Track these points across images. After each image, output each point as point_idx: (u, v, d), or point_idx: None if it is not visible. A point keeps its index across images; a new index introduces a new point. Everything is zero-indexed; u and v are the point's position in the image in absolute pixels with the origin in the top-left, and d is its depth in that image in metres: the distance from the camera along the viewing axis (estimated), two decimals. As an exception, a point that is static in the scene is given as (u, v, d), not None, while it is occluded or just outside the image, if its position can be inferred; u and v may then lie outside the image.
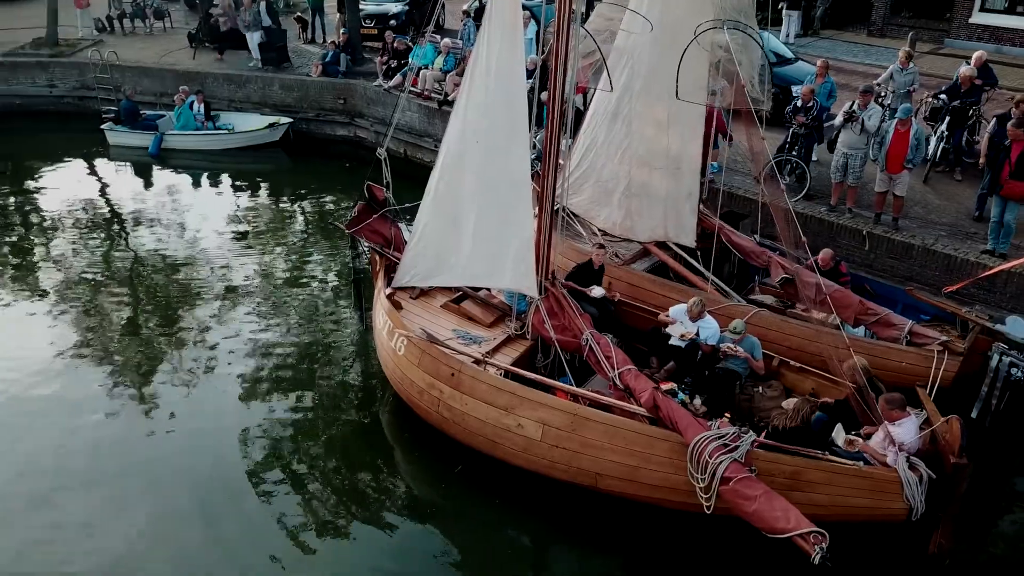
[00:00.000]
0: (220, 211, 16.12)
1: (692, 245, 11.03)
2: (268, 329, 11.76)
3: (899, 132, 11.24)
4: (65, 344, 11.30)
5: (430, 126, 16.80)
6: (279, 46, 20.16)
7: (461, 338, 9.41)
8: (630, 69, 10.23)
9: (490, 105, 8.16)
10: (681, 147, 10.48)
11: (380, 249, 10.48)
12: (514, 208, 8.51)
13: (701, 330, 9.38)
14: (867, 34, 22.73)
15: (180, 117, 18.22)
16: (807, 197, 12.66)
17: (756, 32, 9.22)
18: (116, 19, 23.98)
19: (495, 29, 7.92)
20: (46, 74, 20.78)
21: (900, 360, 9.11)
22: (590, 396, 8.38)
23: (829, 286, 9.75)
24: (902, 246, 11.39)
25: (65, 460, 9.15)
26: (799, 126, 12.69)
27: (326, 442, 9.62)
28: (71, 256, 14.09)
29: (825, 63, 14.11)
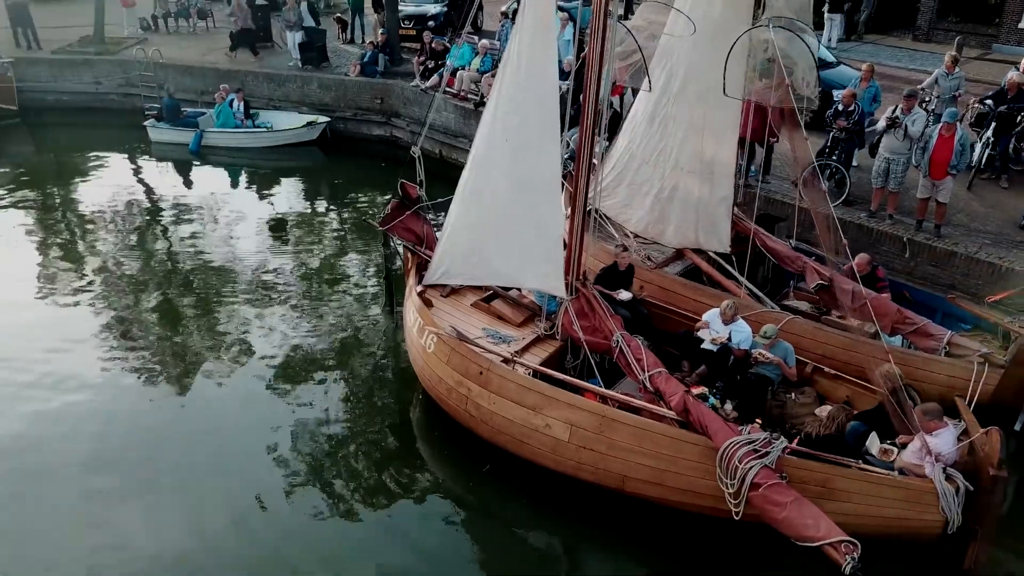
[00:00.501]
0: (257, 208, 16.31)
1: (726, 251, 10.88)
2: (301, 324, 11.84)
3: (943, 137, 10.99)
4: (104, 335, 11.48)
5: (466, 126, 16.81)
6: (319, 46, 20.33)
7: (491, 337, 9.38)
8: (668, 71, 10.13)
9: (521, 103, 8.13)
10: (715, 151, 10.38)
11: (412, 247, 10.50)
12: (543, 208, 8.47)
13: (733, 334, 9.25)
14: (912, 39, 22.33)
15: (220, 115, 18.46)
16: (846, 203, 12.44)
17: (811, 31, 9.06)
18: (161, 18, 24.41)
19: (527, 27, 7.90)
20: (92, 71, 21.18)
21: (938, 372, 8.89)
22: (619, 398, 8.29)
23: (867, 293, 9.56)
24: (944, 254, 11.13)
25: (101, 448, 9.28)
26: (839, 130, 12.47)
27: (355, 437, 9.65)
28: (111, 249, 14.33)
29: (871, 67, 13.85)
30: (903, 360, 8.89)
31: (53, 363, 10.74)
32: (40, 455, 9.15)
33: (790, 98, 8.58)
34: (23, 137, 20.06)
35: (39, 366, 10.68)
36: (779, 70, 8.67)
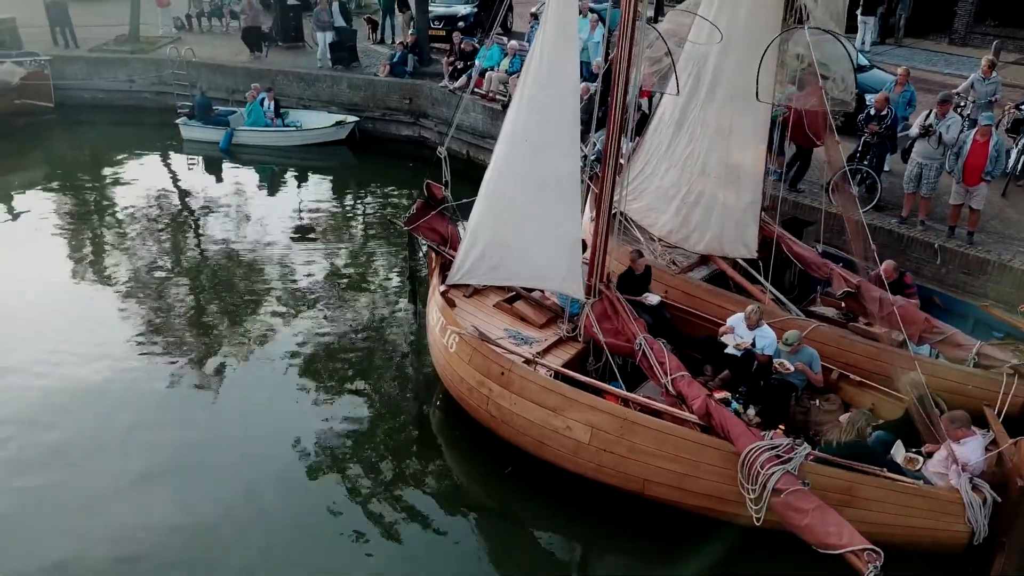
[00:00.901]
0: (285, 206, 16.45)
1: (752, 256, 10.80)
2: (327, 321, 11.94)
3: (978, 143, 10.79)
4: (132, 329, 11.66)
5: (493, 127, 16.80)
6: (349, 46, 20.45)
7: (512, 338, 9.38)
8: (695, 77, 10.08)
9: (542, 102, 8.13)
10: (742, 157, 10.29)
11: (436, 247, 10.53)
12: (561, 209, 8.47)
13: (757, 340, 9.16)
14: (948, 43, 21.98)
15: (251, 114, 18.63)
16: (877, 208, 12.27)
17: (843, 36, 8.99)
18: (195, 17, 24.71)
19: (550, 26, 7.89)
20: (127, 70, 21.50)
21: (966, 382, 8.72)
22: (641, 401, 8.25)
23: (894, 301, 9.42)
24: (976, 261, 10.95)
25: (127, 439, 9.42)
26: (871, 135, 12.30)
27: (376, 434, 9.70)
28: (141, 244, 14.54)
29: (906, 71, 13.66)
30: (930, 370, 8.73)
31: (82, 354, 10.91)
32: (65, 447, 9.30)
33: (824, 102, 8.47)
34: (59, 133, 20.36)
35: (68, 357, 10.84)
36: (814, 75, 8.56)
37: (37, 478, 8.82)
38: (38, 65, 20.41)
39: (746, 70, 9.44)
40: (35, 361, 10.76)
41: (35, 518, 8.28)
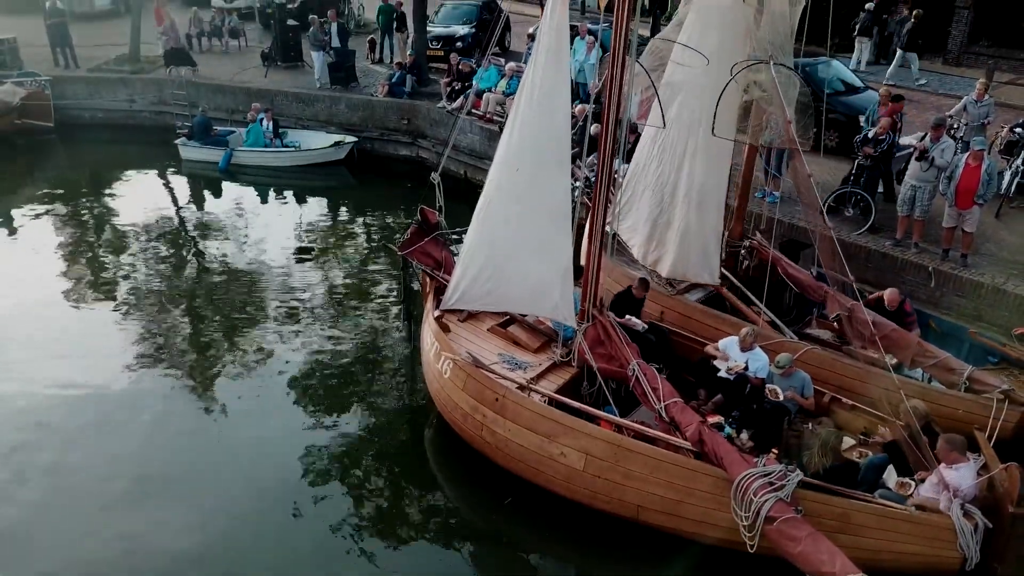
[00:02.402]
0: (283, 226, 16.48)
1: (715, 283, 10.80)
2: (322, 343, 11.95)
3: (970, 166, 10.85)
4: (130, 347, 11.73)
5: (490, 148, 16.83)
6: (348, 66, 20.59)
7: (507, 363, 9.39)
8: (666, 99, 10.14)
9: (533, 131, 8.20)
10: (705, 179, 10.24)
11: (430, 271, 10.56)
12: (553, 236, 8.52)
13: (750, 362, 9.19)
14: (943, 63, 22.09)
15: (251, 134, 18.73)
16: (872, 230, 12.31)
17: (792, 68, 9.02)
18: (195, 37, 24.85)
19: (541, 56, 7.97)
20: (127, 89, 21.63)
21: (957, 407, 8.75)
22: (634, 427, 8.26)
23: (885, 325, 9.45)
24: (970, 284, 10.98)
25: (122, 457, 9.49)
26: (865, 158, 12.37)
27: (371, 457, 9.70)
28: (140, 264, 14.61)
29: (888, 91, 13.78)
30: (921, 394, 8.79)
31: (81, 373, 11.03)
32: (65, 462, 9.40)
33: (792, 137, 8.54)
34: (58, 153, 20.52)
35: (68, 375, 10.97)
36: (781, 109, 8.63)
37: (35, 493, 8.92)
38: (38, 85, 20.58)
39: (710, 95, 9.54)
40: (34, 378, 10.86)
41: (34, 532, 8.37)
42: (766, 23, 8.97)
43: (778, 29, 8.99)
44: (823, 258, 9.41)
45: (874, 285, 11.19)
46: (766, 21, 8.99)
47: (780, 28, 8.98)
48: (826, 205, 12.56)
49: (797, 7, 9.17)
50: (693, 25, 9.73)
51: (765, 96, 8.70)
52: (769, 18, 8.99)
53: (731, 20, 9.38)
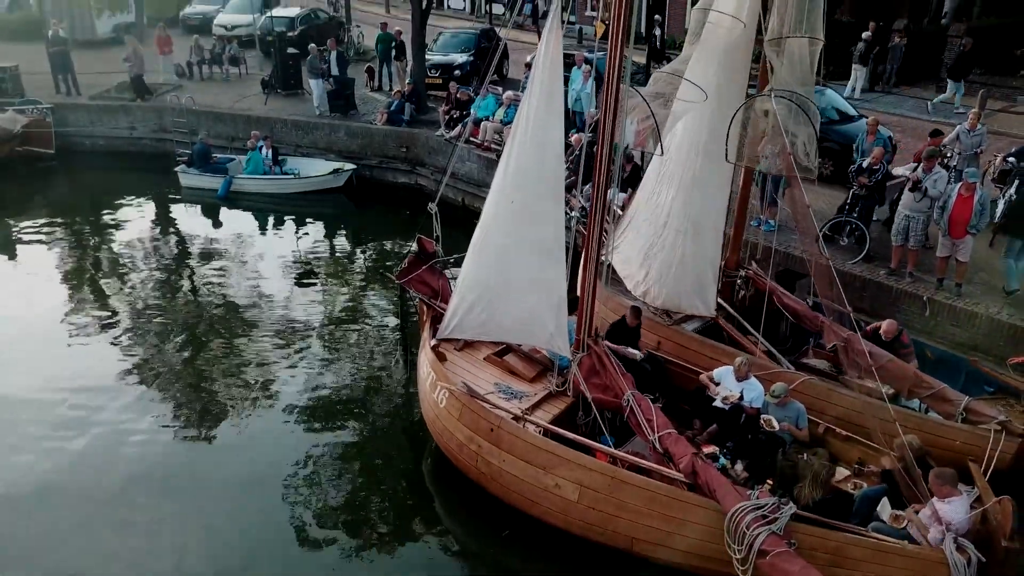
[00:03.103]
0: (282, 253, 16.55)
1: (711, 315, 10.81)
2: (320, 370, 12.04)
3: (962, 197, 10.92)
4: (129, 372, 11.88)
5: (488, 176, 16.87)
6: (347, 94, 20.74)
7: (502, 392, 9.42)
8: (669, 131, 10.21)
9: (527, 166, 8.33)
10: (702, 211, 10.27)
11: (427, 300, 10.61)
12: (547, 268, 8.61)
13: (745, 392, 9.20)
14: (936, 90, 22.27)
15: (250, 162, 18.84)
16: (867, 259, 12.35)
17: (813, 102, 9.11)
18: (195, 65, 25.04)
19: (535, 94, 8.09)
20: (128, 117, 21.76)
21: (954, 438, 8.73)
22: (628, 459, 8.27)
23: (881, 356, 9.47)
24: (965, 314, 11.00)
25: (120, 483, 9.62)
26: (860, 187, 12.44)
27: (369, 489, 9.73)
28: (139, 290, 14.71)
29: (875, 120, 13.90)
30: (918, 425, 8.78)
31: (79, 399, 11.18)
32: (63, 488, 9.51)
33: (793, 168, 8.60)
34: (59, 179, 20.61)
35: (66, 402, 11.12)
36: (781, 139, 8.71)
37: (34, 517, 9.05)
38: (40, 113, 20.71)
39: (710, 126, 9.61)
40: (34, 401, 11.07)
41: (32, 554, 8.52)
42: (787, 64, 9.06)
43: (799, 69, 9.08)
44: (820, 287, 9.43)
45: (869, 314, 11.22)
46: (787, 62, 9.08)
47: (801, 68, 9.07)
48: (821, 234, 12.63)
49: (816, 47, 9.26)
50: (697, 60, 9.82)
51: (774, 126, 8.76)
52: (788, 59, 9.08)
53: (733, 57, 9.49)
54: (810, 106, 8.89)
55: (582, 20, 30.17)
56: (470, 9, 38.12)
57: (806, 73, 8.99)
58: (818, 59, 9.19)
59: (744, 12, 9.22)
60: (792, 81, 8.84)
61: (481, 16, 36.05)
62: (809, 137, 8.74)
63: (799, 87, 8.85)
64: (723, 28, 9.35)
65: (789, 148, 8.53)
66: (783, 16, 8.94)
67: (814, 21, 8.86)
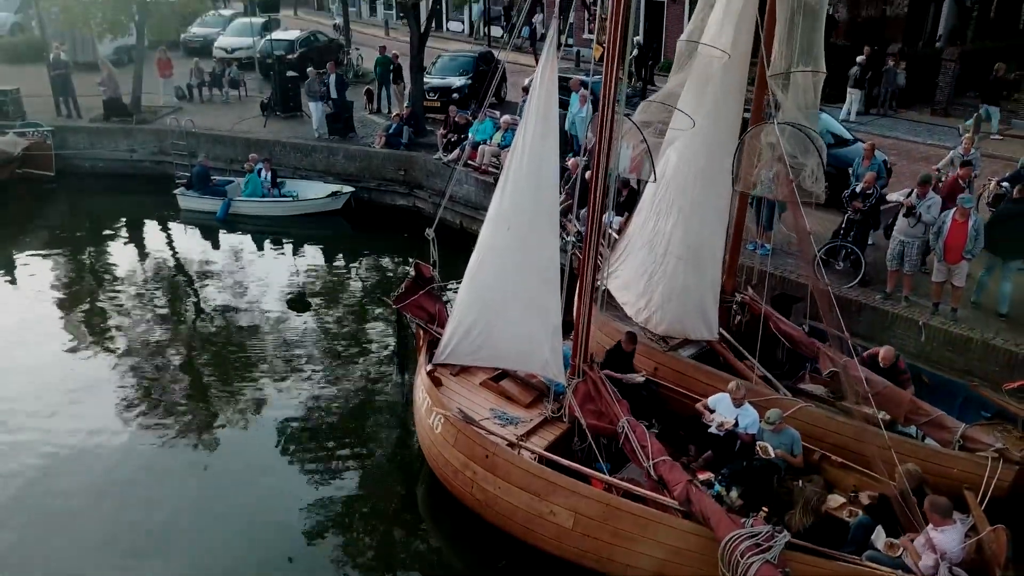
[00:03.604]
0: (280, 276, 16.60)
1: (714, 339, 10.83)
2: (317, 393, 12.08)
3: (957, 223, 10.95)
4: (128, 397, 11.97)
5: (485, 199, 16.94)
6: (345, 117, 20.85)
7: (498, 418, 9.41)
8: (664, 158, 10.29)
9: (523, 193, 8.39)
10: (701, 237, 10.32)
11: (424, 325, 10.63)
12: (543, 294, 8.64)
13: (740, 418, 9.20)
14: (931, 113, 22.43)
15: (249, 184, 18.91)
16: (863, 283, 12.37)
17: (815, 131, 9.19)
18: (195, 87, 25.20)
19: (531, 122, 8.16)
20: (128, 140, 21.86)
21: (951, 466, 8.71)
22: (623, 486, 8.25)
23: (878, 383, 9.47)
24: (960, 339, 11.00)
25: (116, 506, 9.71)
26: (854, 211, 12.50)
27: (364, 514, 9.74)
28: (137, 311, 14.80)
29: (872, 145, 13.97)
30: (914, 452, 8.77)
31: (77, 419, 11.31)
32: (57, 510, 9.60)
33: (795, 194, 8.65)
34: (59, 201, 20.73)
35: (63, 422, 11.26)
36: (781, 166, 8.78)
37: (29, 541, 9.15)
38: (41, 135, 20.83)
39: (707, 153, 9.67)
40: (31, 425, 11.18)
41: None
42: (792, 95, 9.15)
43: (803, 99, 9.17)
44: (822, 311, 9.46)
45: (865, 339, 11.23)
46: (792, 93, 9.17)
47: (806, 98, 9.16)
48: (818, 258, 12.68)
49: (820, 78, 9.35)
50: (689, 86, 9.91)
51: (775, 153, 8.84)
52: (794, 90, 9.18)
53: (727, 84, 9.56)
54: (815, 135, 8.98)
55: (580, 43, 30.36)
56: (468, 31, 38.37)
57: (810, 101, 9.08)
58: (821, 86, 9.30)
59: (729, 43, 9.31)
60: (797, 112, 8.92)
61: (480, 38, 36.29)
62: (817, 165, 8.81)
63: (802, 115, 8.93)
64: (714, 57, 9.44)
65: (792, 175, 8.59)
66: (784, 50, 9.05)
67: (816, 55, 8.97)
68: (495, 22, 35.78)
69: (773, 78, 9.26)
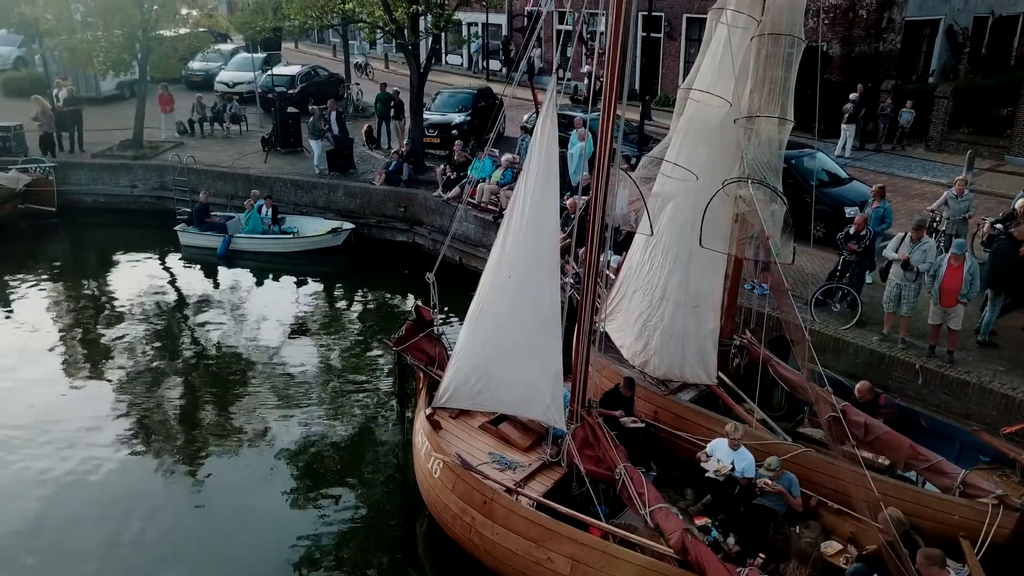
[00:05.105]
0: (280, 312, 16.65)
1: (713, 383, 10.86)
2: (316, 432, 12.15)
3: (952, 267, 11.04)
4: (127, 430, 12.15)
5: (485, 236, 17.20)
6: (346, 154, 21.02)
7: (496, 462, 9.43)
8: (657, 206, 10.37)
9: (524, 244, 8.48)
10: (700, 284, 10.37)
11: (424, 367, 10.68)
12: (543, 341, 8.69)
13: (736, 462, 9.20)
14: (925, 148, 22.65)
15: (249, 221, 19.02)
16: (859, 324, 12.42)
17: (779, 190, 9.30)
18: (197, 123, 25.42)
19: (532, 172, 8.29)
20: (129, 175, 21.99)
21: (951, 513, 8.68)
22: (620, 534, 8.24)
23: (877, 427, 9.50)
24: (957, 382, 11.04)
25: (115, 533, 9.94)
26: (850, 253, 12.59)
27: (362, 557, 9.77)
28: (137, 346, 14.91)
29: (881, 188, 14.00)
30: (914, 499, 8.77)
31: (75, 451, 11.52)
32: (55, 537, 9.83)
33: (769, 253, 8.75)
34: (60, 236, 20.85)
35: (63, 451, 11.45)
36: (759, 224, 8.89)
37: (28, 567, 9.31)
38: (43, 172, 20.98)
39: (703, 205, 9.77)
40: (31, 455, 11.33)
41: None
42: (755, 145, 9.26)
43: (767, 151, 9.26)
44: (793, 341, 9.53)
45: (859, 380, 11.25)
46: (755, 144, 9.28)
47: (770, 150, 9.25)
48: (813, 299, 12.76)
49: (785, 128, 9.46)
50: (684, 140, 10.02)
51: (750, 211, 8.95)
52: (758, 140, 9.28)
53: (721, 136, 9.68)
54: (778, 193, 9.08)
55: (576, 76, 30.68)
56: (467, 64, 38.79)
57: (774, 157, 9.17)
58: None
59: (731, 92, 9.45)
60: (761, 164, 9.02)
61: (478, 71, 36.69)
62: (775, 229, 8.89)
63: (770, 173, 9.04)
64: (712, 107, 9.57)
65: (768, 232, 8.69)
66: (755, 95, 9.16)
67: (785, 102, 9.06)
68: (493, 55, 36.17)
69: (740, 121, 9.38)
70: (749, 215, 9.13)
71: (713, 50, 9.85)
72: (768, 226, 8.95)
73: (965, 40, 26.08)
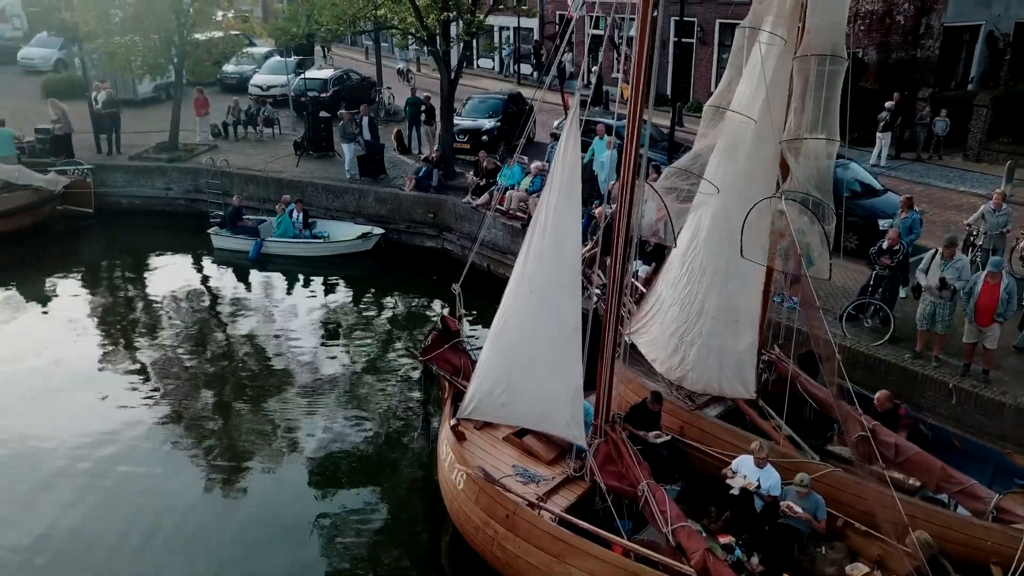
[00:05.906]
0: (310, 316, 16.84)
1: (751, 397, 10.74)
2: (343, 436, 12.35)
3: (988, 285, 10.79)
4: (157, 423, 12.57)
5: (513, 243, 17.17)
6: (377, 159, 21.13)
7: (520, 475, 9.43)
8: (697, 218, 10.29)
9: (546, 261, 8.48)
10: (739, 299, 10.25)
11: (449, 377, 10.70)
12: (565, 357, 8.69)
13: (763, 480, 9.08)
14: (963, 158, 22.24)
15: (280, 225, 19.20)
16: (892, 341, 12.20)
17: (830, 206, 9.16)
18: (231, 125, 25.72)
19: (555, 189, 8.30)
20: (164, 178, 22.34)
21: (984, 538, 8.49)
22: (641, 551, 8.18)
23: (908, 448, 9.33)
24: (992, 403, 10.78)
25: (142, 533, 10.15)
26: (883, 268, 12.38)
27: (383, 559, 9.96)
28: (170, 344, 15.26)
29: (909, 199, 13.79)
30: (946, 523, 8.61)
31: (106, 450, 11.85)
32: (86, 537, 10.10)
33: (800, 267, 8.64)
34: (97, 238, 21.18)
35: (93, 452, 11.75)
36: (793, 240, 8.76)
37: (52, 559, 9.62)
38: (80, 174, 21.35)
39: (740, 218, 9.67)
40: (59, 451, 11.69)
41: None
42: (803, 165, 9.11)
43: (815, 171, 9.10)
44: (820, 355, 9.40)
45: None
46: (803, 163, 9.13)
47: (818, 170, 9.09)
48: (845, 313, 12.57)
49: (832, 146, 9.30)
50: (719, 150, 9.92)
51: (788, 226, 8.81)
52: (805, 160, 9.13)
53: (755, 151, 9.57)
54: (825, 210, 8.93)
55: (609, 82, 30.53)
56: (499, 68, 38.82)
57: (823, 175, 9.02)
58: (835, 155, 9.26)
59: (756, 110, 9.33)
60: (807, 183, 8.89)
61: (509, 75, 36.71)
62: (821, 241, 8.75)
63: (815, 190, 8.89)
64: (744, 124, 9.47)
65: (800, 248, 8.58)
66: (800, 117, 9.03)
67: (831, 123, 8.92)
68: (525, 59, 36.17)
69: (785, 144, 9.26)
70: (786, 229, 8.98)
71: (738, 65, 9.75)
72: (816, 243, 8.82)
73: (1006, 47, 25.55)
